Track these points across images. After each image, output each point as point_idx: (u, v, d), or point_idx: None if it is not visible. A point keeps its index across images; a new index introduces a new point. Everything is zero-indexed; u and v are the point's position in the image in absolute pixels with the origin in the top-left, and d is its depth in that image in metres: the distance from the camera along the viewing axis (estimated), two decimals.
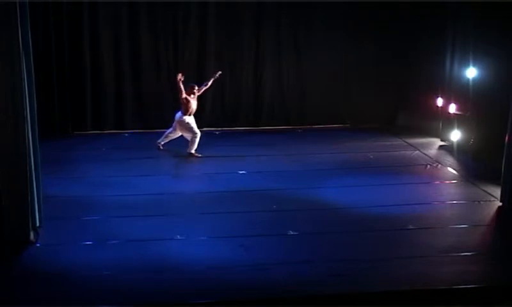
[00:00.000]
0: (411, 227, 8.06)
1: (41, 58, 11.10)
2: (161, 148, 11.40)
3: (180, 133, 11.28)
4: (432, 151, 11.65)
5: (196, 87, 11.14)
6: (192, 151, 11.12)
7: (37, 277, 6.66)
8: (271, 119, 13.51)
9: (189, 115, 11.06)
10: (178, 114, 11.13)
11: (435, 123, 12.30)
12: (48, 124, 11.98)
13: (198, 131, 11.12)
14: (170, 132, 11.36)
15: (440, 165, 10.80)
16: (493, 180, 9.35)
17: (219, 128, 13.04)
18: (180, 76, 10.86)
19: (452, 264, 7.08)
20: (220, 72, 11.67)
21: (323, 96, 13.42)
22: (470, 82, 10.97)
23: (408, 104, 13.14)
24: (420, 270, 6.88)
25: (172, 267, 6.92)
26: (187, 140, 11.21)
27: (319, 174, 10.26)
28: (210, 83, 11.53)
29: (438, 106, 12.17)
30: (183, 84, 10.90)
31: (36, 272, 6.78)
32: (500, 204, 8.78)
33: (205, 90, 11.55)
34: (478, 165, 10.37)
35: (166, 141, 11.42)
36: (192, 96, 11.05)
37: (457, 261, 7.17)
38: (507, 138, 8.62)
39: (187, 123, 11.06)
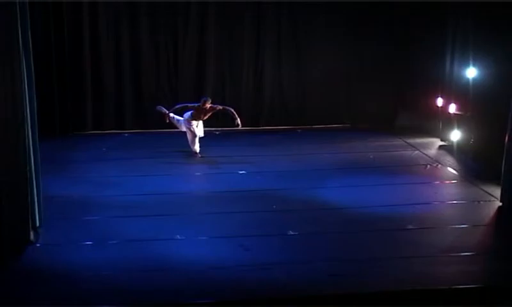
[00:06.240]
0: (411, 227, 8.06)
1: (41, 58, 11.08)
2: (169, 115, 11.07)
3: (183, 129, 11.20)
4: (432, 151, 11.64)
5: (209, 102, 10.78)
6: (194, 151, 11.10)
7: (37, 277, 6.66)
8: (271, 119, 13.50)
9: (195, 120, 10.96)
10: (188, 113, 11.01)
11: (435, 123, 12.30)
12: (48, 124, 11.95)
13: (197, 133, 11.03)
14: (179, 120, 11.15)
15: (440, 165, 10.79)
16: (493, 180, 9.34)
17: (219, 128, 13.03)
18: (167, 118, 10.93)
19: (452, 264, 7.08)
20: (240, 126, 10.95)
21: (323, 96, 13.42)
22: (470, 82, 10.96)
23: (408, 104, 13.14)
24: (420, 270, 6.87)
25: (172, 267, 6.92)
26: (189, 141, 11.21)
27: (319, 174, 10.26)
28: (226, 111, 10.95)
29: (438, 106, 12.16)
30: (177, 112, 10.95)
31: (36, 272, 6.77)
32: (500, 204, 8.78)
33: (219, 110, 11.04)
34: (478, 165, 10.36)
35: (175, 118, 11.15)
36: (203, 108, 10.76)
37: (457, 261, 7.17)
38: (507, 138, 8.62)
39: (191, 123, 11.00)
